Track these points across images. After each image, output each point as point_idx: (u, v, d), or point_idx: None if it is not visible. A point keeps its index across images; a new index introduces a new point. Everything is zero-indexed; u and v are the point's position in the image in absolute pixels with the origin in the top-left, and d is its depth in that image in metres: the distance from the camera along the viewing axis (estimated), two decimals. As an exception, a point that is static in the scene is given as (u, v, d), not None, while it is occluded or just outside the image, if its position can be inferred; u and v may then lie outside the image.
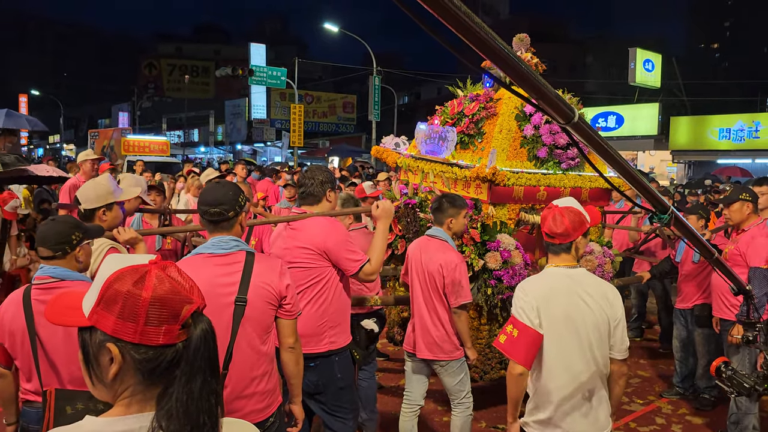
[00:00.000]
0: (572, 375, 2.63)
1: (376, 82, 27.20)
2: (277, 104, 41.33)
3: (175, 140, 47.41)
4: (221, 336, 2.46)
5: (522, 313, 2.60)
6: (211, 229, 2.60)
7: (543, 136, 4.51)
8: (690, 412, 5.37)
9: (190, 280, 1.21)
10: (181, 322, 1.15)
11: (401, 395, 4.15)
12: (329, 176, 3.48)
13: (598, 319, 2.64)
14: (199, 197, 2.64)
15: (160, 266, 1.19)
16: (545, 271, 2.74)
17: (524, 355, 2.58)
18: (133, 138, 23.79)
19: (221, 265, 2.53)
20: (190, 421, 1.11)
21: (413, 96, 50.46)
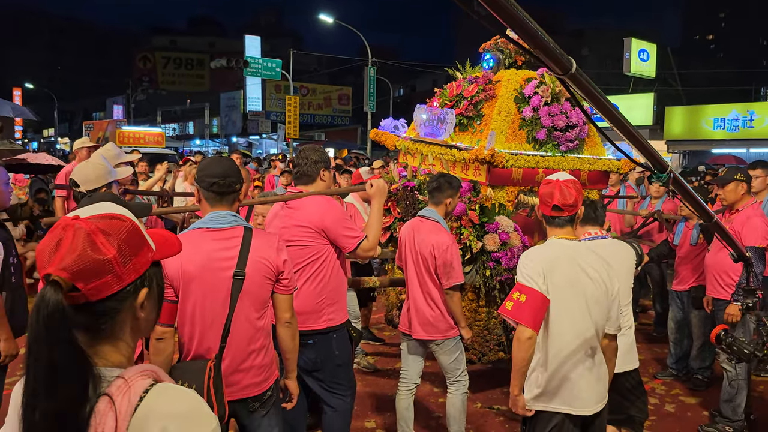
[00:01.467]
0: (577, 332, 2.69)
1: (372, 73, 27.19)
2: (273, 96, 41.25)
3: (171, 133, 47.30)
4: (219, 309, 2.52)
5: (529, 279, 2.65)
6: (214, 201, 2.61)
7: (542, 118, 4.55)
8: (683, 392, 5.44)
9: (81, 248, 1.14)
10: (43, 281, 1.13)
11: (397, 378, 4.19)
12: (323, 156, 3.51)
13: (598, 291, 2.73)
14: (203, 170, 2.64)
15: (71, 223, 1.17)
16: (549, 241, 2.80)
17: (533, 318, 2.60)
18: (128, 129, 23.76)
19: (219, 240, 2.55)
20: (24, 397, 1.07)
21: (409, 88, 50.37)
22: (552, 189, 2.76)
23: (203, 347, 2.55)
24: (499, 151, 4.29)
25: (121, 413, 1.10)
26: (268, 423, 2.71)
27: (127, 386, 1.13)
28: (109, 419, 1.09)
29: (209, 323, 2.53)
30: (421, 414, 4.63)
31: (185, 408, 1.18)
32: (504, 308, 2.70)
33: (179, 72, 57.81)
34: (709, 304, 4.88)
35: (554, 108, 4.56)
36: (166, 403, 1.15)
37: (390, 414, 4.63)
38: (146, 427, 1.11)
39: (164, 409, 1.14)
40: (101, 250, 1.15)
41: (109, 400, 1.11)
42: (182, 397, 1.20)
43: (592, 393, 2.75)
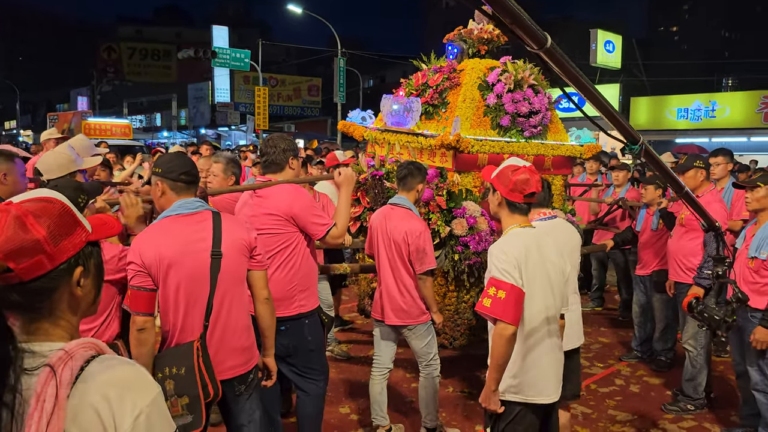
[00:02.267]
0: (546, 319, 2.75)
1: (341, 64, 27.09)
2: (241, 88, 40.83)
3: (138, 125, 46.54)
4: (201, 290, 2.58)
5: (506, 274, 2.60)
6: (182, 190, 2.70)
7: (505, 105, 4.61)
8: (647, 373, 5.59)
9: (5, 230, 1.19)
10: None
11: (371, 364, 4.23)
12: (291, 144, 3.52)
13: (558, 275, 2.80)
14: (169, 163, 2.73)
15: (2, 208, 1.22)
16: (514, 231, 2.75)
17: (514, 314, 2.57)
18: (93, 121, 23.31)
19: (192, 224, 2.63)
20: None
21: (378, 79, 50.31)
22: (528, 176, 2.70)
23: (187, 331, 2.60)
24: (464, 137, 4.34)
25: (62, 382, 1.13)
26: (251, 406, 2.78)
27: (68, 356, 1.16)
28: (50, 388, 1.12)
29: (192, 305, 2.58)
30: (395, 399, 4.68)
31: (126, 376, 1.21)
32: (482, 305, 2.62)
33: (145, 63, 56.80)
34: (672, 288, 5.01)
35: (517, 95, 4.63)
36: (107, 372, 1.18)
37: (364, 399, 4.67)
38: (88, 396, 1.14)
39: (105, 378, 1.17)
40: (31, 231, 1.19)
41: (50, 370, 1.14)
42: (123, 366, 1.23)
43: (557, 380, 2.81)
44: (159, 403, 1.23)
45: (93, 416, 1.14)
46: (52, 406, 1.11)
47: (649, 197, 5.52)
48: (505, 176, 2.75)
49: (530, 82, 4.73)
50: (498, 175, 2.79)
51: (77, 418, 1.13)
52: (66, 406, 1.12)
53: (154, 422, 1.19)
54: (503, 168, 2.79)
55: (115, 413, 1.15)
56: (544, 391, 2.76)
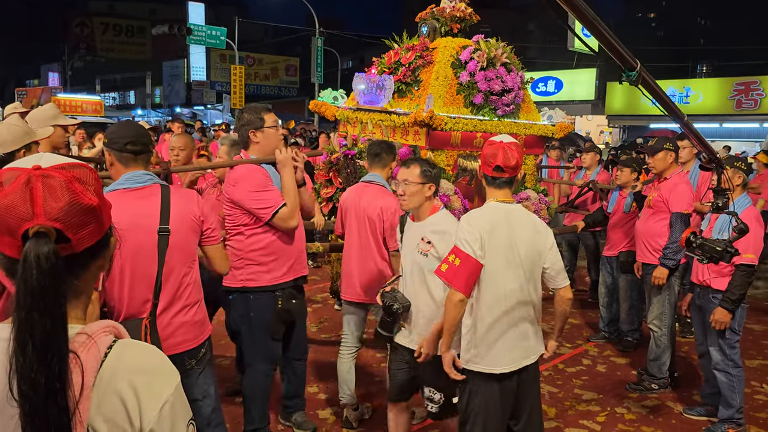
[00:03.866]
0: (508, 292, 2.77)
1: (319, 44, 26.81)
2: (218, 66, 40.21)
3: (111, 102, 45.72)
4: (148, 267, 2.53)
5: (466, 244, 2.71)
6: (129, 161, 2.62)
7: (478, 83, 4.60)
8: (614, 353, 5.68)
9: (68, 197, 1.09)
10: (18, 239, 1.06)
11: (339, 345, 4.23)
12: (252, 116, 3.42)
13: (532, 251, 2.82)
14: (115, 133, 2.65)
15: (37, 174, 1.08)
16: (488, 204, 2.84)
17: (464, 282, 2.69)
18: (64, 97, 22.85)
19: (139, 199, 2.56)
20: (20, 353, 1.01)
21: (357, 60, 49.92)
22: (496, 150, 2.79)
23: (134, 306, 2.54)
24: (437, 114, 4.32)
25: (87, 369, 1.07)
26: (204, 381, 2.77)
27: (91, 342, 1.10)
28: (75, 375, 1.06)
29: (138, 282, 2.53)
30: (364, 379, 4.69)
31: (150, 363, 1.17)
32: (439, 270, 2.77)
33: (119, 39, 55.70)
34: (639, 269, 5.07)
35: (490, 73, 4.62)
36: (132, 359, 1.14)
37: (332, 380, 4.68)
38: (113, 383, 1.10)
39: (130, 365, 1.13)
40: (85, 198, 1.10)
41: (74, 356, 1.07)
42: (146, 352, 1.19)
43: (515, 352, 2.83)
44: (180, 390, 1.19)
45: (118, 404, 1.10)
46: (78, 394, 1.05)
47: (624, 179, 5.57)
48: (483, 151, 2.88)
49: (503, 61, 4.72)
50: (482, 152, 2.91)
51: (101, 405, 1.09)
52: (92, 395, 1.07)
53: (177, 410, 1.16)
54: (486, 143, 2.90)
55: (141, 401, 1.11)
56: (498, 362, 2.80)
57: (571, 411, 4.49)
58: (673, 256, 4.62)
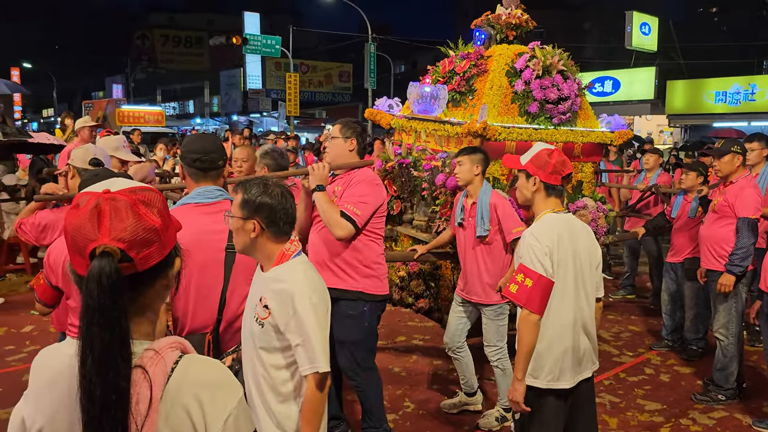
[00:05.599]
0: (574, 305, 2.74)
1: (372, 49, 27.00)
2: (273, 74, 40.99)
3: (171, 112, 47.12)
4: (214, 283, 2.55)
5: (536, 262, 2.63)
6: (198, 177, 2.63)
7: (534, 92, 4.56)
8: (678, 362, 5.51)
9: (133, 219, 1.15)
10: (86, 258, 1.12)
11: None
12: None
13: (591, 260, 2.81)
14: (186, 147, 2.68)
15: (106, 197, 1.16)
16: (547, 216, 2.78)
17: (539, 304, 2.63)
18: (127, 108, 23.68)
19: (209, 214, 2.57)
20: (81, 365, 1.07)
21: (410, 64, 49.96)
22: (564, 158, 2.78)
23: (198, 321, 2.56)
24: (491, 125, 4.31)
25: (155, 384, 1.13)
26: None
27: (159, 357, 1.16)
28: (143, 389, 1.12)
29: (204, 297, 2.54)
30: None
31: (215, 377, 1.22)
32: (508, 290, 2.70)
33: (178, 50, 57.39)
34: (703, 276, 4.92)
35: (546, 81, 4.57)
36: (197, 373, 1.19)
37: (390, 386, 4.73)
38: (179, 397, 1.15)
39: (196, 379, 1.18)
40: (148, 220, 1.16)
41: (143, 371, 1.13)
42: (211, 367, 1.24)
43: (574, 366, 2.79)
44: (244, 403, 1.24)
45: (184, 417, 1.15)
46: (147, 408, 1.11)
47: (689, 183, 5.40)
48: (541, 160, 2.78)
49: (559, 68, 4.67)
50: (533, 160, 2.80)
51: (169, 418, 1.14)
52: (159, 408, 1.13)
53: (241, 423, 1.21)
54: (537, 153, 2.82)
55: (206, 414, 1.16)
56: (559, 377, 2.76)
57: (634, 422, 4.39)
58: (740, 262, 4.47)
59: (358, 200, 3.35)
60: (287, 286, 2.14)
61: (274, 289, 2.18)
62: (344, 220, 3.30)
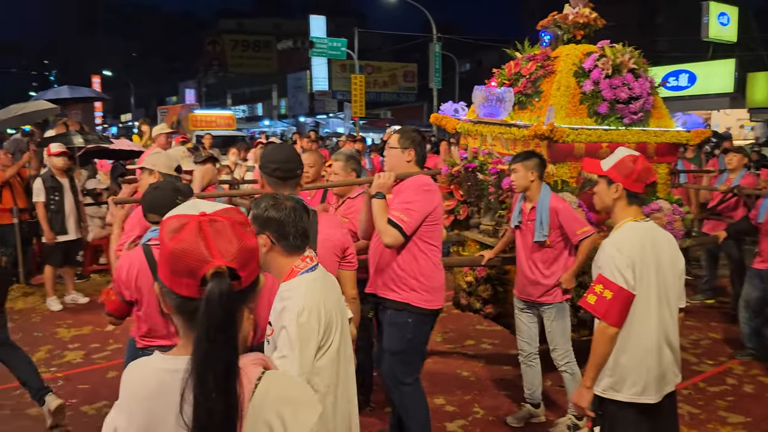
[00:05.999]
0: (656, 317, 2.64)
1: (437, 49, 26.90)
2: (338, 76, 41.48)
3: (240, 115, 48.39)
4: None
5: (616, 273, 2.56)
6: (277, 186, 2.71)
7: (603, 91, 4.43)
8: (763, 373, 5.23)
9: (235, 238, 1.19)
10: (199, 279, 1.15)
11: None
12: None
13: (674, 269, 2.71)
14: (266, 156, 2.74)
15: (205, 219, 1.20)
16: (629, 226, 2.69)
17: (618, 316, 2.56)
18: (200, 113, 24.48)
19: None
20: (200, 382, 1.11)
21: (475, 63, 49.50)
22: (649, 165, 2.70)
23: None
24: (559, 126, 4.21)
25: (242, 399, 1.17)
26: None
27: (243, 373, 1.20)
28: None
29: None
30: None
31: (296, 394, 1.27)
32: (586, 302, 2.63)
33: (247, 54, 58.78)
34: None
35: (616, 80, 4.43)
36: (279, 390, 1.24)
37: (458, 392, 4.72)
38: (262, 413, 1.19)
39: (278, 396, 1.22)
40: (247, 240, 1.22)
41: None
42: (292, 383, 1.30)
43: (657, 379, 2.70)
44: (323, 420, 1.29)
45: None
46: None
47: None
48: (625, 166, 2.69)
49: (630, 66, 4.51)
50: (616, 166, 2.71)
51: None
52: (245, 423, 1.16)
53: None
54: (622, 158, 2.73)
55: (288, 430, 1.20)
56: (643, 391, 2.66)
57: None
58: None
59: (405, 207, 3.30)
60: (287, 303, 2.11)
61: (276, 306, 2.17)
62: (391, 228, 3.24)
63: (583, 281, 4.36)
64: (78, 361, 5.51)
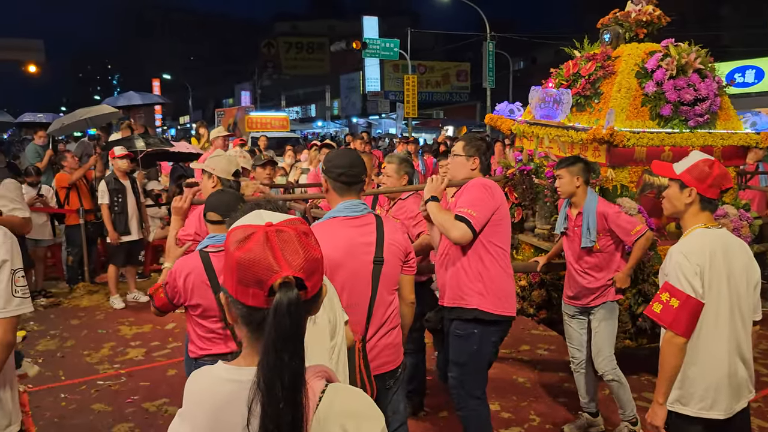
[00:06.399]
0: (727, 328, 2.55)
1: (490, 48, 26.62)
2: (391, 76, 41.62)
3: (294, 116, 49.06)
4: (362, 293, 2.67)
5: (684, 281, 2.47)
6: (342, 191, 2.72)
7: (667, 93, 4.27)
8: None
9: (300, 248, 1.20)
10: (266, 289, 1.16)
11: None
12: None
13: (748, 279, 2.60)
14: (331, 161, 2.75)
15: (272, 229, 1.21)
16: (698, 232, 2.59)
17: (685, 326, 2.47)
18: (255, 115, 24.90)
19: (357, 227, 2.68)
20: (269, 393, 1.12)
21: (529, 61, 48.80)
22: (726, 171, 2.61)
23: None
24: (618, 130, 4.09)
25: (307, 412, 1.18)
26: (396, 399, 2.90)
27: (308, 387, 1.20)
28: None
29: (353, 307, 2.63)
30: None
31: (359, 407, 1.26)
32: (651, 310, 2.55)
33: (301, 56, 59.58)
34: None
35: (680, 81, 4.26)
36: (343, 403, 1.23)
37: (514, 398, 4.66)
38: (327, 426, 1.20)
39: (342, 409, 1.22)
40: (312, 250, 1.23)
41: None
42: (355, 396, 1.29)
43: (728, 394, 2.59)
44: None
45: None
46: None
47: None
48: (701, 171, 2.59)
49: (696, 67, 4.34)
50: (691, 170, 2.61)
51: None
52: None
53: None
54: (696, 162, 2.63)
55: None
56: (712, 406, 2.56)
57: (785, 452, 4.01)
58: None
59: (471, 203, 3.26)
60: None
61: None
62: (459, 221, 3.21)
63: (642, 289, 4.24)
64: (139, 358, 5.68)
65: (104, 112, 9.80)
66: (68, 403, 4.75)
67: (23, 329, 5.84)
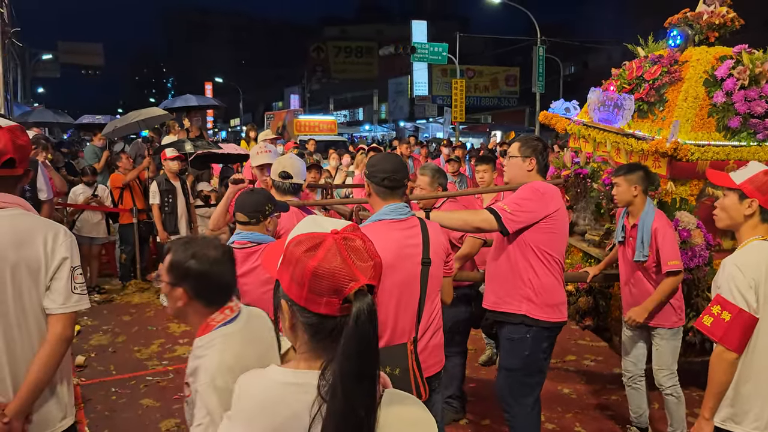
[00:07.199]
0: None
1: (540, 52, 26.30)
2: (439, 80, 41.52)
3: (342, 120, 49.42)
4: (413, 295, 2.67)
5: (737, 294, 2.35)
6: (386, 195, 2.72)
7: (736, 104, 4.06)
8: None
9: (367, 255, 1.22)
10: (342, 298, 1.18)
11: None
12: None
13: None
14: (375, 165, 2.75)
15: (339, 237, 1.22)
16: (756, 244, 2.46)
17: (738, 341, 2.36)
18: (303, 118, 25.19)
19: (404, 230, 2.68)
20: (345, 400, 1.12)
21: (580, 65, 48.01)
22: None
23: (398, 332, 2.65)
24: (683, 143, 3.90)
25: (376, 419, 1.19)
26: (435, 399, 2.89)
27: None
28: None
29: (404, 309, 2.64)
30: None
31: (415, 414, 1.28)
32: (701, 323, 2.43)
33: (349, 60, 60.06)
34: None
35: (752, 92, 4.05)
36: (399, 411, 1.25)
37: (559, 409, 4.53)
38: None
39: (398, 416, 1.24)
40: (377, 256, 1.25)
41: None
42: (410, 403, 1.30)
43: None
44: None
45: None
46: None
47: None
48: (763, 182, 2.47)
49: (770, 76, 4.12)
50: (753, 180, 2.49)
51: None
52: None
53: None
54: (758, 173, 2.50)
55: None
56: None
57: None
58: None
59: (513, 202, 3.19)
60: (200, 363, 1.85)
61: (190, 365, 1.91)
62: (485, 211, 3.18)
63: (696, 303, 4.07)
64: (186, 355, 5.72)
65: (155, 114, 10.02)
66: (118, 397, 4.83)
67: (78, 324, 5.98)
